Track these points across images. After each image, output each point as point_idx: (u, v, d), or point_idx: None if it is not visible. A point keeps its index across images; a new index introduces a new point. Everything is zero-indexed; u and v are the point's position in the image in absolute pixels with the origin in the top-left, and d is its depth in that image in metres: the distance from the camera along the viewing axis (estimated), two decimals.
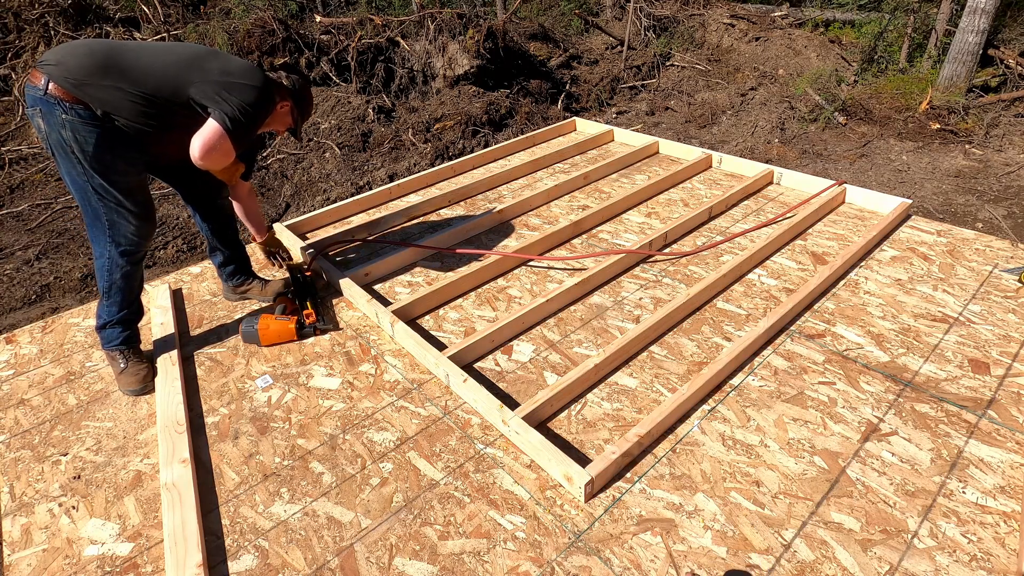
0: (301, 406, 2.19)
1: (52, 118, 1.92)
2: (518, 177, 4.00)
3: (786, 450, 1.91)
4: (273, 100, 2.16)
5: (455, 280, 2.75)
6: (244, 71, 2.07)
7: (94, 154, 1.97)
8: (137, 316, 2.33)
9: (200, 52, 2.09)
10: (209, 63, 2.05)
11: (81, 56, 1.94)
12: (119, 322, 2.25)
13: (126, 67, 1.96)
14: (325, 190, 4.41)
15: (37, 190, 4.65)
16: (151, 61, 2.00)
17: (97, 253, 2.16)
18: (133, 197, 2.10)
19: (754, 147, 5.11)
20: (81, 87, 1.91)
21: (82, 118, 1.93)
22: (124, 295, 2.22)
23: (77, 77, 1.91)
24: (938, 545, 1.60)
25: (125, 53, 2.01)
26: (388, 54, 5.85)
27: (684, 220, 3.14)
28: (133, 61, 1.98)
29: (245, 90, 2.02)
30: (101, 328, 2.26)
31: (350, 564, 1.64)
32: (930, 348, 2.30)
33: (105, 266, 2.16)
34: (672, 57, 7.27)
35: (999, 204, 4.10)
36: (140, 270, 2.26)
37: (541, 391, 2.15)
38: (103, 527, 1.78)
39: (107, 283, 2.18)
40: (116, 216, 2.09)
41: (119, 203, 2.07)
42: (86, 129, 1.94)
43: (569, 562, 1.62)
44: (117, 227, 2.11)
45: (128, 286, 2.21)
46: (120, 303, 2.23)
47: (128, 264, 2.17)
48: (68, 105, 1.91)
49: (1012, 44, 5.85)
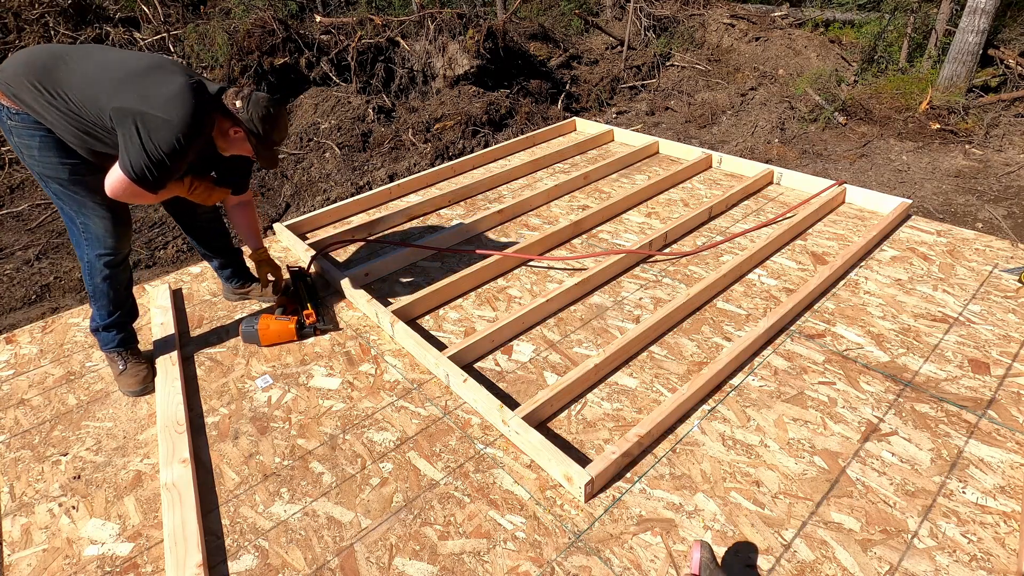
0: (301, 406, 2.19)
1: (3, 125, 1.93)
2: (518, 177, 4.00)
3: (786, 450, 1.91)
4: (199, 133, 1.91)
5: (455, 280, 2.75)
6: (165, 101, 1.83)
7: (40, 158, 1.94)
8: (130, 318, 2.30)
9: (132, 72, 1.89)
10: (134, 86, 1.85)
11: (20, 64, 1.90)
12: (111, 325, 2.23)
13: (55, 81, 1.87)
14: (325, 190, 4.41)
15: (37, 190, 4.65)
16: (83, 78, 1.87)
17: (79, 256, 2.13)
18: (96, 198, 2.02)
19: (754, 147, 5.11)
20: (17, 96, 1.88)
21: (24, 123, 1.90)
22: (109, 299, 2.18)
23: (13, 84, 1.88)
24: (938, 545, 1.60)
25: (67, 63, 1.90)
26: (388, 54, 5.85)
27: (684, 220, 3.14)
28: (66, 76, 1.87)
29: (159, 128, 1.81)
30: (95, 331, 2.25)
31: (350, 564, 1.64)
32: (930, 348, 2.30)
33: (87, 270, 2.13)
34: (672, 57, 7.27)
35: (999, 204, 4.10)
36: (123, 274, 2.20)
37: (541, 391, 2.15)
38: (103, 527, 1.78)
39: (91, 287, 2.15)
40: (86, 219, 2.05)
41: (83, 204, 2.02)
42: (28, 133, 1.91)
43: (569, 562, 1.62)
44: (90, 229, 2.06)
45: (112, 289, 2.17)
46: (107, 307, 2.20)
47: (107, 268, 2.12)
48: (13, 111, 1.90)
49: (1012, 44, 5.85)
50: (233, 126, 2.03)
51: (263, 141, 2.06)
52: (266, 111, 2.01)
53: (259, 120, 2.01)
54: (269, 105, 2.02)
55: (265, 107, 2.01)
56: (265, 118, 2.02)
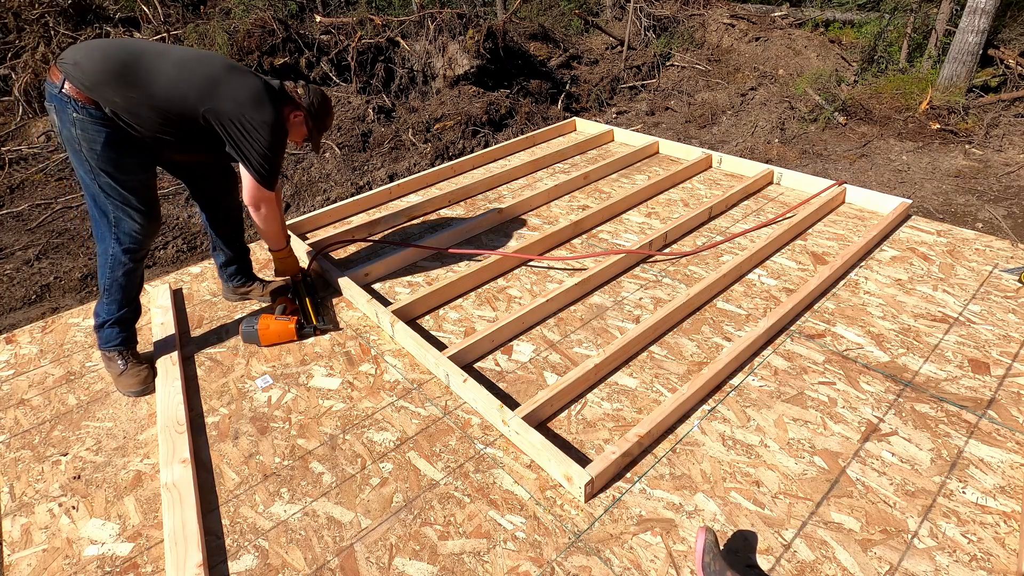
0: (301, 406, 2.19)
1: (64, 115, 1.97)
2: (518, 177, 4.00)
3: (786, 450, 1.91)
4: (284, 123, 2.23)
5: (455, 280, 2.75)
6: (254, 102, 2.10)
7: (101, 153, 2.01)
8: (135, 316, 2.33)
9: (212, 75, 2.08)
10: (220, 88, 2.07)
11: (96, 61, 1.98)
12: (118, 321, 2.25)
13: (138, 79, 2.00)
14: (325, 190, 4.41)
15: (37, 190, 4.65)
16: (163, 77, 2.02)
17: (100, 250, 2.17)
18: (139, 195, 2.13)
19: (754, 147, 5.11)
20: (95, 89, 1.96)
21: (92, 117, 1.97)
22: (124, 292, 2.22)
23: (91, 80, 1.95)
24: (938, 545, 1.60)
25: (140, 61, 2.02)
26: (388, 54, 5.85)
27: (684, 220, 3.14)
28: (144, 75, 2.01)
29: (260, 131, 2.11)
30: (100, 327, 2.26)
31: (350, 564, 1.64)
32: (930, 348, 2.30)
33: (108, 263, 2.17)
34: (672, 57, 7.27)
35: (999, 204, 4.10)
36: (141, 268, 2.28)
37: (541, 391, 2.15)
38: (103, 527, 1.78)
39: (108, 280, 2.19)
40: (121, 213, 2.11)
41: (125, 201, 2.10)
42: (95, 128, 1.98)
43: (569, 562, 1.62)
44: (122, 224, 2.13)
45: (129, 283, 2.22)
46: (120, 301, 2.23)
47: (131, 261, 2.18)
48: (80, 104, 1.96)
49: (1012, 44, 5.85)
50: (294, 111, 2.30)
51: (319, 123, 2.40)
52: (322, 98, 2.38)
53: (318, 105, 2.36)
54: (323, 95, 2.40)
55: (321, 96, 2.38)
56: (323, 103, 2.38)
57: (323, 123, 2.42)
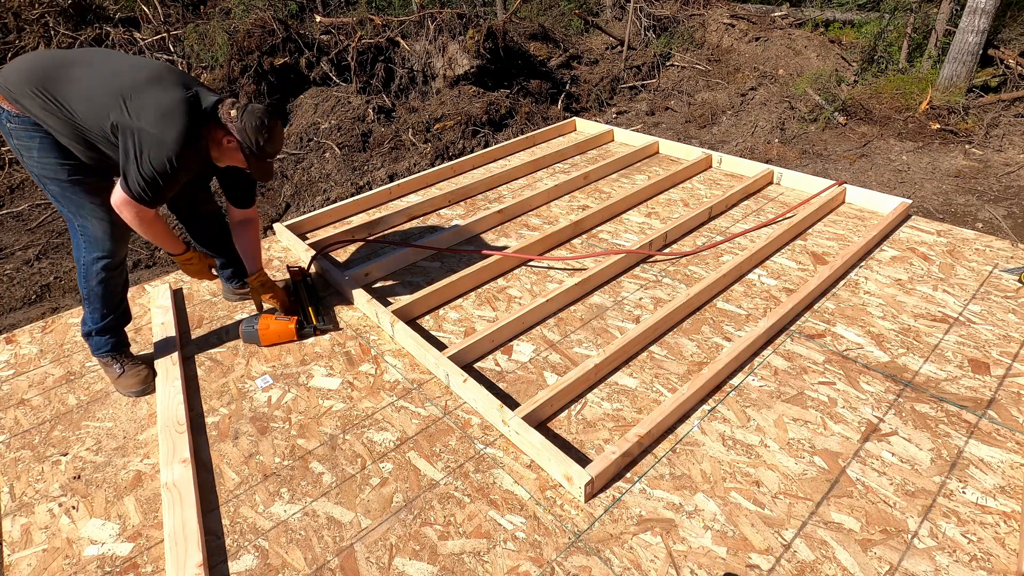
0: (301, 406, 2.19)
1: (2, 127, 1.95)
2: (518, 177, 4.00)
3: (786, 450, 1.91)
4: (191, 149, 1.94)
5: (455, 280, 2.75)
6: (159, 118, 1.86)
7: (39, 159, 1.96)
8: (123, 321, 2.28)
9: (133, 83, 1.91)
10: (132, 100, 1.88)
11: (23, 70, 1.93)
12: (104, 329, 2.21)
13: (61, 89, 1.90)
14: (325, 190, 4.41)
15: (37, 190, 4.65)
16: (86, 89, 1.91)
17: (76, 258, 2.13)
18: (99, 197, 2.03)
19: (754, 147, 5.11)
20: (18, 101, 1.91)
21: (23, 124, 1.93)
22: (104, 301, 2.17)
23: (14, 89, 1.91)
24: (938, 545, 1.60)
25: (69, 71, 1.93)
26: (388, 54, 5.85)
27: (684, 220, 3.14)
28: (68, 85, 1.91)
29: (152, 147, 1.86)
30: (88, 336, 2.23)
31: (350, 564, 1.64)
32: (930, 348, 2.30)
33: (81, 272, 2.12)
34: (672, 57, 7.27)
35: (999, 204, 4.10)
36: (118, 277, 2.19)
37: (541, 391, 2.15)
38: (103, 527, 1.78)
39: (85, 289, 2.14)
40: (84, 220, 2.05)
41: (81, 205, 2.03)
42: (27, 135, 1.94)
43: (569, 562, 1.62)
44: (88, 231, 2.06)
45: (107, 292, 2.16)
46: (101, 310, 2.18)
47: (103, 270, 2.11)
48: (12, 114, 1.92)
49: (1012, 44, 5.85)
50: (227, 136, 2.01)
51: (256, 152, 2.02)
52: (260, 122, 1.98)
53: (252, 131, 1.98)
54: (264, 116, 1.99)
55: (259, 118, 1.98)
56: (259, 128, 1.98)
57: (263, 150, 2.02)
